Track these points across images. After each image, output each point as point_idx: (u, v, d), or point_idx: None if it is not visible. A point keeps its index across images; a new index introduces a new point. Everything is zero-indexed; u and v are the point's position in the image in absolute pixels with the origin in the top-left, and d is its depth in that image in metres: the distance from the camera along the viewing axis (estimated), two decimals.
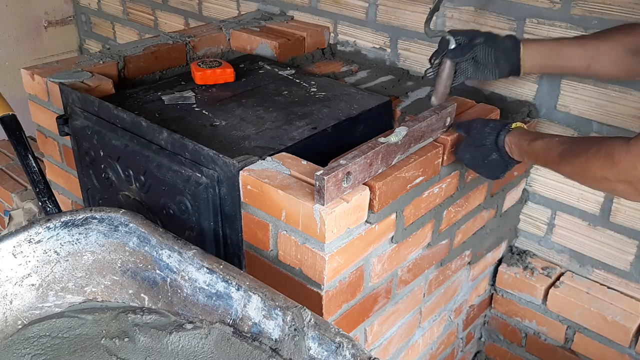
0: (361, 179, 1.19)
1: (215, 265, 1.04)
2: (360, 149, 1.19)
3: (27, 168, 1.42)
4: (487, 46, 1.36)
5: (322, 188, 1.10)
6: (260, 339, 0.99)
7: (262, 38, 1.91)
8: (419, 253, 1.44)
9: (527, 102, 1.66)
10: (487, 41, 1.37)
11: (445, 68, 1.41)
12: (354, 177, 1.16)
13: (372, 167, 1.20)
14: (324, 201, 1.11)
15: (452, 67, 1.41)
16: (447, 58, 1.40)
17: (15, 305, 1.10)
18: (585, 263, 1.73)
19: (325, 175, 1.09)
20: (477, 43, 1.37)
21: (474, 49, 1.37)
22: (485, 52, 1.37)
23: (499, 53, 1.36)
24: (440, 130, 1.37)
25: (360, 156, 1.16)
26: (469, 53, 1.38)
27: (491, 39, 1.37)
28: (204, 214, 1.28)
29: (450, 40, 1.39)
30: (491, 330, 1.95)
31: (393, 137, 1.22)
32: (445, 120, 1.37)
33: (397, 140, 1.23)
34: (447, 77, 1.42)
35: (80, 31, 3.20)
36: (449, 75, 1.42)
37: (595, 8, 1.47)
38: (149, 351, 1.05)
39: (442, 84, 1.43)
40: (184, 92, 1.60)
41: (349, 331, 1.32)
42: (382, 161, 1.22)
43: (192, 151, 1.26)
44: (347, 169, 1.13)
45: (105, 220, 1.15)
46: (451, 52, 1.39)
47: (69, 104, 1.53)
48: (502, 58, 1.36)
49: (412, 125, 1.27)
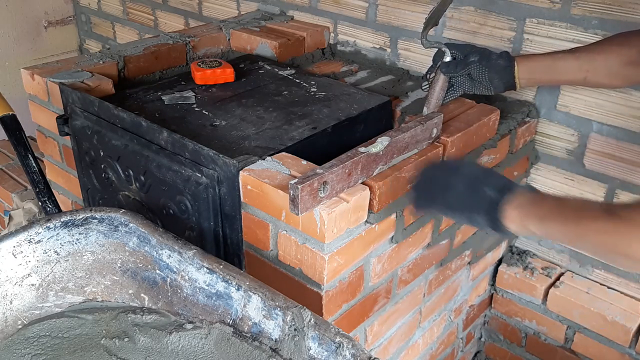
0: (339, 189, 1.15)
1: (215, 265, 1.04)
2: (339, 159, 1.15)
3: (27, 168, 1.42)
4: (481, 65, 1.36)
5: (297, 197, 1.06)
6: (260, 339, 0.99)
7: (262, 38, 1.91)
8: (419, 253, 1.44)
9: (527, 102, 1.66)
10: (481, 60, 1.36)
11: (439, 80, 1.41)
12: (331, 186, 1.12)
13: (352, 177, 1.16)
14: (298, 211, 1.07)
15: (446, 80, 1.41)
16: (440, 71, 1.40)
17: (15, 305, 1.10)
18: (585, 263, 1.73)
19: (299, 184, 1.05)
20: (471, 62, 1.37)
21: (468, 67, 1.37)
22: (479, 71, 1.37)
23: (493, 73, 1.36)
24: (425, 142, 1.32)
25: (338, 165, 1.13)
26: (463, 70, 1.38)
27: (485, 58, 1.36)
28: (204, 214, 1.28)
29: (446, 53, 1.39)
30: (491, 330, 1.95)
31: (374, 148, 1.19)
32: (432, 131, 1.32)
33: (379, 151, 1.19)
34: (440, 89, 1.42)
35: (80, 31, 3.20)
36: (442, 88, 1.42)
37: (595, 8, 1.47)
38: (149, 351, 1.05)
39: (435, 95, 1.42)
40: (184, 92, 1.60)
41: (349, 331, 1.32)
42: (362, 171, 1.18)
43: (192, 151, 1.26)
44: (323, 178, 1.09)
45: (105, 220, 1.15)
46: (445, 67, 1.39)
47: (69, 104, 1.53)
48: (496, 78, 1.36)
49: (394, 136, 1.23)
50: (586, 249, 1.03)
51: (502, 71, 1.35)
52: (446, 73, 1.40)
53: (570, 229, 0.97)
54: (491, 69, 1.36)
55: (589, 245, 0.99)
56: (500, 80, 1.36)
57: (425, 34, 1.39)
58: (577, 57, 1.31)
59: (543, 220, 0.99)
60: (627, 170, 1.55)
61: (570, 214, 0.98)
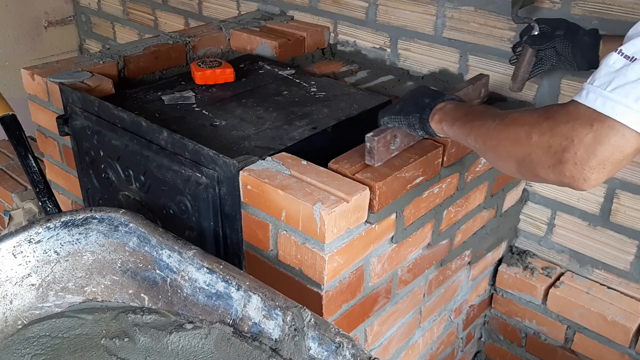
0: (406, 143, 1.28)
1: (215, 265, 1.04)
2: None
3: (27, 168, 1.42)
4: (566, 40, 1.35)
5: (373, 149, 1.20)
6: (260, 339, 0.99)
7: (262, 38, 1.91)
8: (419, 253, 1.44)
9: (527, 102, 1.66)
10: (567, 35, 1.36)
11: (526, 54, 1.42)
12: (400, 140, 1.26)
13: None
14: (374, 161, 1.21)
15: (533, 53, 1.41)
16: (526, 44, 1.41)
17: (15, 305, 1.10)
18: (585, 263, 1.73)
19: (376, 136, 1.20)
20: (557, 35, 1.36)
21: (553, 40, 1.37)
22: (563, 45, 1.36)
23: (577, 49, 1.34)
24: (476, 101, 1.43)
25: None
26: (548, 43, 1.37)
27: (571, 33, 1.36)
28: (204, 214, 1.28)
29: (534, 27, 1.39)
30: (491, 330, 1.95)
31: None
32: (480, 90, 1.46)
33: None
34: (526, 63, 1.42)
35: (80, 31, 3.20)
36: (529, 61, 1.42)
37: (596, 8, 1.47)
38: (149, 351, 1.05)
39: (522, 68, 1.43)
40: (184, 92, 1.60)
41: (349, 331, 1.32)
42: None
43: (192, 151, 1.26)
44: (394, 132, 1.24)
45: (105, 220, 1.15)
46: (530, 39, 1.39)
47: (69, 104, 1.53)
48: (579, 54, 1.35)
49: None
50: (472, 145, 1.09)
51: (585, 48, 1.33)
52: (532, 45, 1.39)
53: (466, 127, 1.08)
54: (575, 45, 1.34)
55: (473, 141, 1.06)
56: (583, 57, 1.35)
57: (516, 9, 1.40)
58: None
59: (453, 122, 1.12)
60: (627, 170, 1.56)
61: (472, 116, 1.09)
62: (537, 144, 0.90)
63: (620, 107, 0.81)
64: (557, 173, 0.88)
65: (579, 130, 0.84)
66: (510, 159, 0.96)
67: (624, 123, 0.81)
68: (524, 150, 0.92)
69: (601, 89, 0.83)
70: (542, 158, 0.90)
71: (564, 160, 0.86)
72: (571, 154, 0.85)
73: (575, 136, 0.85)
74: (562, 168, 0.87)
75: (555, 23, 1.39)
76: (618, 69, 0.82)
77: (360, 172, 1.23)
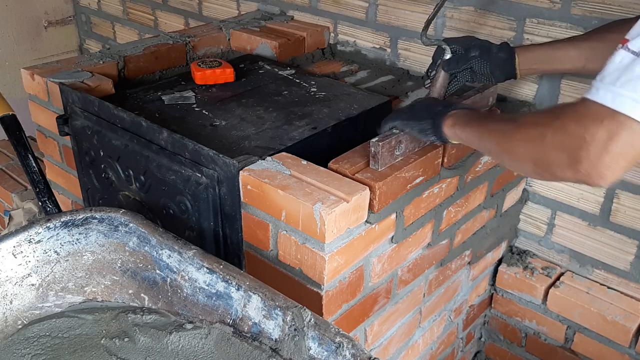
0: (411, 148, 1.29)
1: (215, 265, 1.04)
2: None
3: (27, 168, 1.42)
4: (482, 60, 1.37)
5: (378, 154, 1.21)
6: (260, 339, 0.99)
7: (262, 38, 1.91)
8: (419, 253, 1.44)
9: (527, 102, 1.66)
10: (482, 55, 1.37)
11: (440, 78, 1.41)
12: (405, 146, 1.27)
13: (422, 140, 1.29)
14: (378, 166, 1.22)
15: (447, 77, 1.41)
16: (441, 69, 1.40)
17: (15, 305, 1.10)
18: (585, 263, 1.73)
19: (380, 142, 1.22)
20: (472, 57, 1.37)
21: (469, 62, 1.37)
22: (480, 66, 1.37)
23: (494, 66, 1.36)
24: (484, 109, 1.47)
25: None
26: (464, 65, 1.38)
27: (485, 52, 1.37)
28: (204, 214, 1.28)
29: (446, 50, 1.39)
30: (491, 330, 1.95)
31: None
32: (488, 99, 1.48)
33: None
34: (440, 87, 1.41)
35: (80, 31, 3.20)
36: (443, 85, 1.42)
37: (596, 8, 1.47)
38: (149, 351, 1.05)
39: (436, 92, 1.42)
40: (184, 92, 1.60)
41: (349, 331, 1.32)
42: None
43: (192, 151, 1.26)
44: (399, 138, 1.25)
45: (105, 220, 1.15)
46: (446, 65, 1.39)
47: (69, 104, 1.53)
48: (498, 69, 1.37)
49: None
50: (485, 148, 1.13)
51: (503, 64, 1.36)
52: (448, 70, 1.40)
53: (479, 130, 1.11)
54: (492, 63, 1.36)
55: (487, 144, 1.09)
56: (502, 72, 1.37)
57: (425, 32, 1.39)
58: (576, 45, 1.32)
59: (466, 125, 1.15)
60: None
61: (485, 120, 1.13)
62: (551, 144, 0.91)
63: (629, 102, 0.82)
64: (573, 172, 0.89)
65: (591, 128, 0.86)
66: (526, 160, 0.98)
67: (633, 117, 0.82)
68: (539, 150, 0.94)
69: (611, 85, 0.84)
70: (557, 158, 0.91)
71: (579, 159, 0.88)
72: (585, 152, 0.86)
73: (588, 134, 0.86)
74: (578, 166, 0.88)
75: (466, 42, 1.39)
76: (626, 64, 0.84)
77: (360, 172, 1.23)
